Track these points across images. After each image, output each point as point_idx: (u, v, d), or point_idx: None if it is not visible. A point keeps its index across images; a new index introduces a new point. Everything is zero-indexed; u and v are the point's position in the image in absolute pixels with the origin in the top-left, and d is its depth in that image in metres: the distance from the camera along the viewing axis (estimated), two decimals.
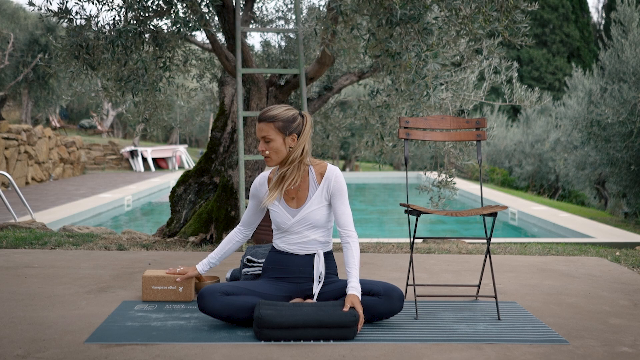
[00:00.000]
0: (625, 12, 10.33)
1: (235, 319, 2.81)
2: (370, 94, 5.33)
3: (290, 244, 2.98)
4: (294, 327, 2.66)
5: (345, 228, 2.93)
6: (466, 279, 3.94)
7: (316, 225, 2.95)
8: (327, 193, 2.95)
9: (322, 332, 2.68)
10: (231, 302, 2.80)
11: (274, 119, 2.88)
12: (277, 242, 3.03)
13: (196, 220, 5.12)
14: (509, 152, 20.02)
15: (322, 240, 2.99)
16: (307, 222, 2.94)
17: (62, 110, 26.32)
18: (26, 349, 2.51)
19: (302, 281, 2.97)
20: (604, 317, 3.14)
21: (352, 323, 2.69)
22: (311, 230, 2.96)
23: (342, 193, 2.95)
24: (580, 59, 27.74)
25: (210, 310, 2.81)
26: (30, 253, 4.55)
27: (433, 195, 5.17)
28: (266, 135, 2.88)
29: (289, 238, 2.98)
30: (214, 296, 2.80)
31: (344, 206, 2.95)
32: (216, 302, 2.80)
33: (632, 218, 11.69)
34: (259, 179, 3.08)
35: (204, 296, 2.81)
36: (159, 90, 4.56)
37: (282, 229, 2.98)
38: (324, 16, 4.41)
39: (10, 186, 10.97)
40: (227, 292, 2.83)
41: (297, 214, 2.95)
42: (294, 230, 2.96)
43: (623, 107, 9.77)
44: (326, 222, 2.99)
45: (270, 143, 2.89)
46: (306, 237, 2.96)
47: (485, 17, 3.81)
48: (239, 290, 2.87)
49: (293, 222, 2.95)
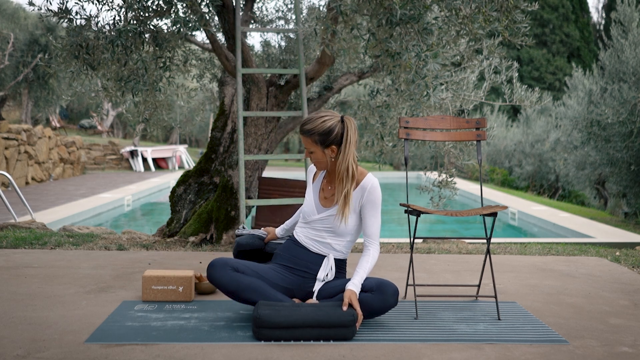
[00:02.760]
0: (625, 12, 10.33)
1: (238, 296, 2.87)
2: (370, 94, 5.32)
3: (307, 237, 3.02)
4: (292, 327, 2.67)
5: (371, 237, 2.97)
6: (466, 279, 3.94)
7: (335, 232, 2.97)
8: (357, 202, 2.96)
9: (320, 332, 2.68)
10: (239, 279, 2.86)
11: (310, 133, 2.90)
12: (297, 230, 3.08)
13: (196, 220, 5.12)
14: (509, 152, 20.01)
15: (337, 248, 3.00)
16: (328, 225, 2.97)
17: (62, 110, 26.32)
18: (26, 349, 2.51)
19: (307, 276, 2.98)
20: (604, 317, 3.13)
21: (350, 323, 2.69)
22: (329, 234, 2.98)
23: (374, 205, 2.96)
24: (580, 59, 27.74)
25: (218, 282, 2.87)
26: (30, 253, 4.55)
27: (433, 195, 5.17)
28: (307, 147, 2.95)
29: (307, 232, 3.02)
30: (225, 269, 2.86)
31: (374, 218, 2.97)
32: (225, 274, 2.86)
33: (632, 218, 11.69)
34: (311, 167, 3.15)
35: (215, 266, 2.87)
36: (159, 90, 4.56)
37: (306, 220, 3.03)
38: (324, 16, 4.41)
39: (10, 186, 10.97)
40: (237, 269, 2.89)
41: (323, 212, 2.99)
42: (314, 226, 3.00)
43: (623, 107, 9.77)
44: (346, 234, 2.98)
45: (313, 154, 2.95)
46: (322, 238, 2.99)
47: (485, 17, 3.81)
48: (248, 270, 2.92)
49: (316, 219, 2.99)
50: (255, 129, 5.10)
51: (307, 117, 2.98)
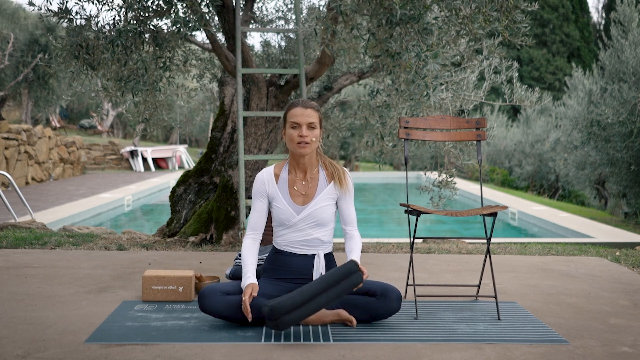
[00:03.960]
0: (625, 12, 10.33)
1: (236, 318, 2.82)
2: (370, 94, 5.32)
3: (292, 243, 2.97)
4: (307, 300, 2.67)
5: (350, 226, 3.04)
6: (466, 279, 3.94)
7: (321, 224, 2.96)
8: (335, 192, 3.00)
9: (333, 292, 2.71)
10: (232, 301, 2.81)
11: (319, 109, 2.96)
12: (278, 240, 3.02)
13: (196, 220, 5.13)
14: (509, 152, 20.01)
15: (325, 239, 2.99)
16: (313, 220, 2.95)
17: (62, 110, 26.30)
18: (26, 349, 2.51)
19: (302, 282, 2.97)
20: (604, 317, 3.14)
21: (354, 268, 2.76)
22: (315, 229, 2.96)
23: (351, 193, 3.03)
24: (580, 59, 27.74)
25: (211, 310, 2.81)
26: (30, 253, 4.55)
27: (433, 195, 5.17)
28: (314, 121, 2.92)
29: (291, 236, 2.97)
30: (215, 295, 2.81)
31: (352, 206, 3.04)
32: (217, 301, 2.80)
33: (632, 218, 11.69)
34: (265, 175, 3.00)
35: (205, 296, 2.81)
36: (159, 90, 4.56)
37: (286, 225, 2.96)
38: (324, 16, 4.41)
39: (10, 186, 10.97)
40: (228, 292, 2.84)
41: (302, 211, 2.95)
42: (298, 227, 2.95)
43: (623, 107, 9.77)
44: (330, 222, 3.00)
45: (315, 130, 2.93)
46: (309, 236, 2.96)
47: (485, 17, 3.81)
48: (240, 290, 2.87)
49: (298, 219, 2.95)
50: (255, 129, 5.10)
51: (298, 99, 3.01)
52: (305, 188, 2.99)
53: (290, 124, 2.92)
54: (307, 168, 3.00)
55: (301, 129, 2.90)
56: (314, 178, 3.00)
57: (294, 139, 2.91)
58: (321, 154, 3.06)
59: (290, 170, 3.02)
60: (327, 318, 2.85)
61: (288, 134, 2.94)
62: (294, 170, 3.01)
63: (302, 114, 2.90)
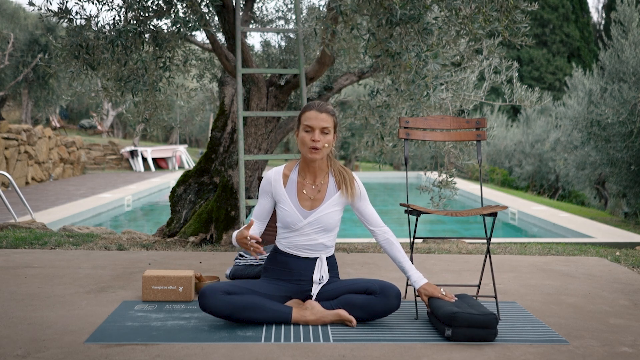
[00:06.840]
0: (625, 12, 10.33)
1: (236, 318, 2.82)
2: (370, 94, 5.32)
3: (295, 246, 2.96)
4: None
5: (378, 227, 3.01)
6: (466, 279, 3.94)
7: (327, 229, 2.95)
8: (343, 199, 2.97)
9: None
10: (232, 301, 2.80)
11: (334, 114, 2.90)
12: (281, 241, 3.01)
13: (196, 220, 5.13)
14: (509, 152, 20.00)
15: (329, 244, 2.99)
16: (319, 225, 2.94)
17: (62, 110, 26.30)
18: (26, 349, 2.51)
19: (303, 283, 2.97)
20: (604, 317, 3.13)
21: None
22: (320, 234, 2.95)
23: (364, 196, 3.00)
24: (580, 59, 27.73)
25: (211, 309, 2.81)
26: (30, 253, 4.55)
27: (433, 195, 5.17)
28: (328, 126, 2.87)
29: (295, 240, 2.96)
30: (215, 295, 2.80)
31: (370, 207, 3.02)
32: (217, 300, 2.80)
33: (632, 218, 11.69)
34: (273, 175, 2.98)
35: (205, 295, 2.81)
36: (159, 90, 4.56)
37: (291, 229, 2.95)
38: (324, 16, 4.41)
39: (10, 186, 10.97)
40: (228, 292, 2.83)
41: (309, 216, 2.93)
42: (304, 232, 2.94)
43: (623, 107, 9.77)
44: (335, 227, 2.99)
45: (328, 136, 2.89)
46: (314, 240, 2.95)
47: (485, 17, 3.81)
48: (240, 289, 2.87)
49: (305, 224, 2.93)
50: (255, 129, 5.10)
51: (312, 101, 2.96)
52: (314, 193, 2.96)
53: (304, 126, 2.89)
54: (317, 172, 2.97)
55: (314, 134, 2.86)
56: (324, 183, 2.97)
57: (306, 143, 2.87)
58: (333, 159, 3.00)
59: (300, 173, 2.99)
60: (327, 318, 2.84)
61: (301, 136, 2.90)
62: (304, 172, 2.99)
63: (316, 118, 2.86)
